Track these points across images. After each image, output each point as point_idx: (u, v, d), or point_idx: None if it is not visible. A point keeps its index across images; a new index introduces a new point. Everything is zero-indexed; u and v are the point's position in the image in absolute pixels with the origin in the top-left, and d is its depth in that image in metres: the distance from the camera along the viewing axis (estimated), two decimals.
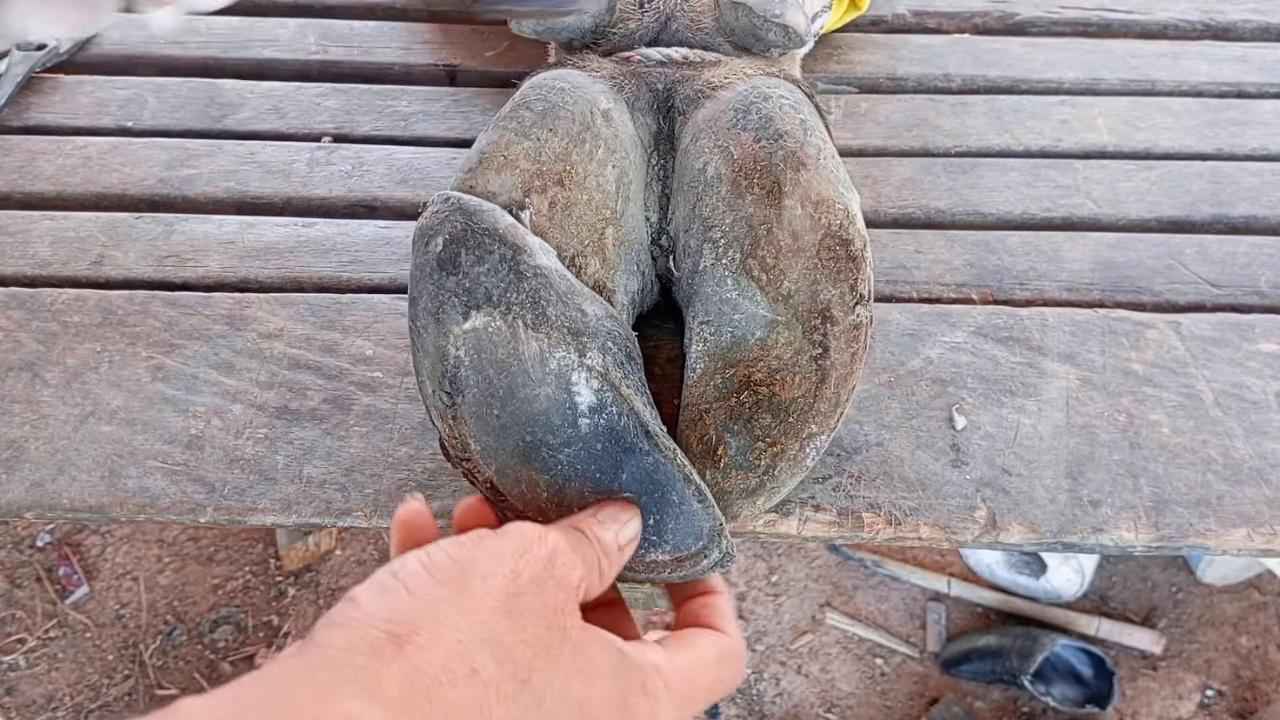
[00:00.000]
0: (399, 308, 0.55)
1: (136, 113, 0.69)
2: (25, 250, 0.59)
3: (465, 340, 0.41)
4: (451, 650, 0.29)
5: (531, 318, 0.40)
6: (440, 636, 0.29)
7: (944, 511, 0.47)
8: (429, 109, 0.70)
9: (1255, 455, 0.49)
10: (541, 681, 0.30)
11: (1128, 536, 0.46)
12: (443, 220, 0.42)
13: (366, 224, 0.61)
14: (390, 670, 0.28)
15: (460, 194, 0.44)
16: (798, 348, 0.44)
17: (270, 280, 0.57)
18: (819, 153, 0.48)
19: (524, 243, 0.42)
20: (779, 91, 0.50)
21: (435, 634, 0.29)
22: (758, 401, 0.44)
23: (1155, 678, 1.29)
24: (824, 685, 1.29)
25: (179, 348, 0.53)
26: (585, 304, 0.42)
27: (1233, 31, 0.78)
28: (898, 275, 0.58)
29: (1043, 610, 1.33)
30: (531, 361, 0.40)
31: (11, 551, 1.46)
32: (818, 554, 1.39)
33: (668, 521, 0.40)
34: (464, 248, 0.41)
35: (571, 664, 0.31)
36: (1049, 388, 0.51)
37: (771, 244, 0.45)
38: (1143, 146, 0.67)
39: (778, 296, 0.45)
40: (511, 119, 0.49)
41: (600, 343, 0.41)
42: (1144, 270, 0.58)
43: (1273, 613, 1.33)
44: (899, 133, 0.68)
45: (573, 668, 0.31)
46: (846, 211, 0.46)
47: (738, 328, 0.45)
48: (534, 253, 0.42)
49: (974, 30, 0.78)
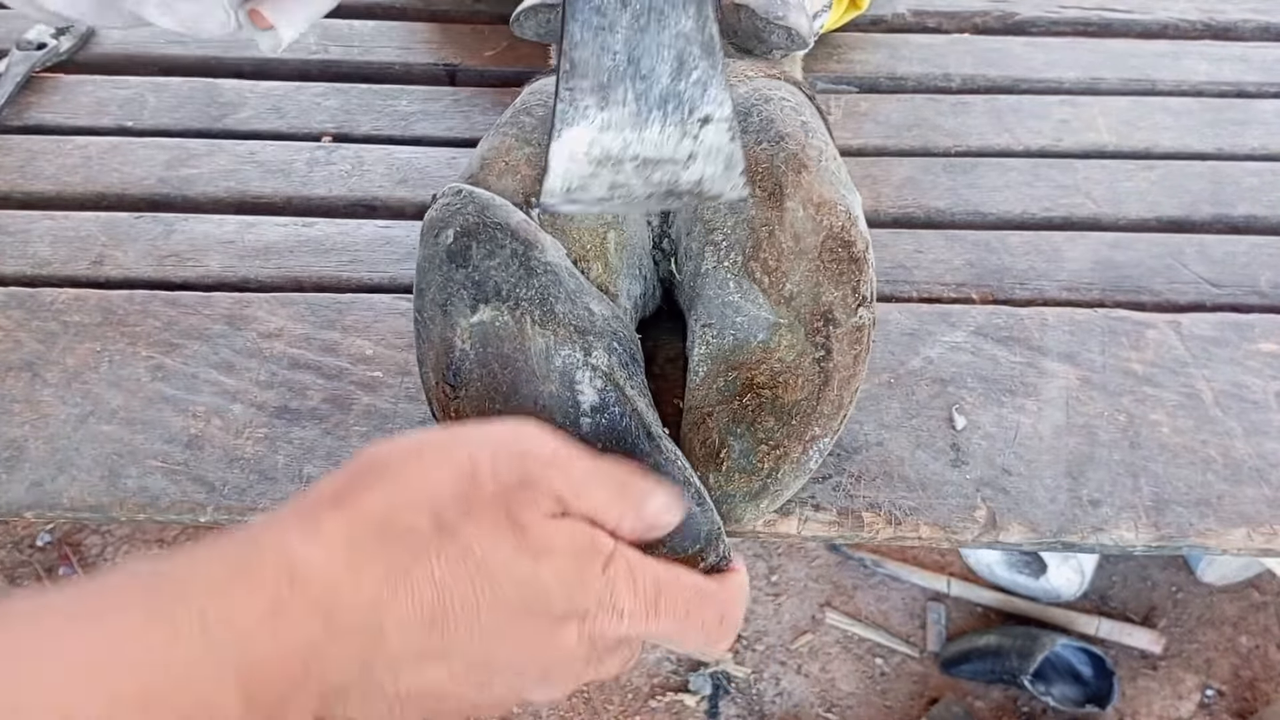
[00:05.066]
0: (399, 307, 0.55)
1: (136, 112, 0.69)
2: (25, 250, 0.59)
3: (472, 333, 0.41)
4: (388, 510, 0.32)
5: (540, 314, 0.40)
6: (378, 500, 0.32)
7: (944, 511, 0.47)
8: (429, 109, 0.70)
9: (1255, 455, 0.49)
10: (485, 555, 0.32)
11: (1128, 536, 0.46)
12: (455, 212, 0.42)
13: (366, 223, 0.61)
14: (329, 519, 0.32)
15: (473, 187, 0.44)
16: (800, 350, 0.44)
17: (270, 280, 0.57)
18: (820, 155, 0.47)
19: (536, 239, 0.42)
20: (780, 94, 0.50)
21: (375, 497, 0.32)
22: (760, 404, 0.43)
23: (1155, 677, 1.28)
24: (824, 685, 1.29)
25: (179, 347, 0.53)
26: (593, 303, 0.42)
27: (1233, 31, 0.78)
28: (898, 275, 0.58)
29: (1043, 610, 1.33)
30: (537, 358, 0.40)
31: (11, 551, 1.46)
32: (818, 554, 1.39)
33: None
34: (475, 240, 0.41)
35: (521, 542, 0.33)
36: (1049, 387, 0.51)
37: (773, 246, 0.45)
38: (1143, 146, 0.67)
39: (780, 299, 0.45)
40: (512, 125, 0.49)
41: (606, 343, 0.41)
42: (1144, 270, 0.58)
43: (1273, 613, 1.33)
44: (899, 132, 0.68)
45: (522, 545, 0.33)
46: (848, 213, 0.46)
47: (740, 330, 0.45)
48: (545, 249, 0.42)
49: (974, 30, 0.78)
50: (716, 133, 0.40)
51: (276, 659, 0.29)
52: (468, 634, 0.32)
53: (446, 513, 0.32)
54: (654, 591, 0.37)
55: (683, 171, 0.41)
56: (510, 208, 0.42)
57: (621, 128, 0.40)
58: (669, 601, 0.37)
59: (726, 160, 0.41)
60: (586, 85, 0.39)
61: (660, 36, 0.39)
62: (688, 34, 0.39)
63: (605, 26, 0.39)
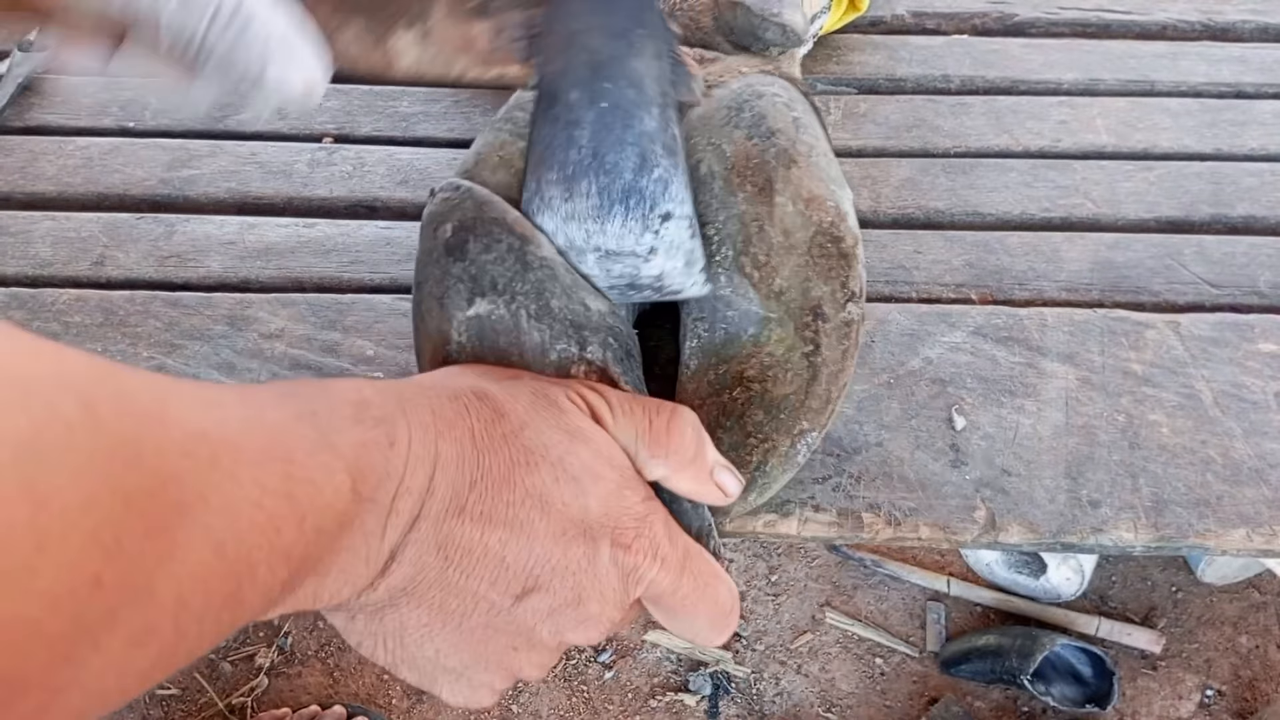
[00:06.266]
0: (400, 308, 0.55)
1: (138, 113, 0.69)
2: (26, 250, 0.59)
3: (468, 326, 0.41)
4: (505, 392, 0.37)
5: (535, 308, 0.41)
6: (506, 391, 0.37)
7: (944, 511, 0.47)
8: (429, 109, 0.70)
9: (1255, 455, 0.49)
10: (525, 420, 0.36)
11: (1127, 536, 0.46)
12: (453, 207, 0.43)
13: (367, 224, 0.61)
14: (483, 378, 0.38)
15: (471, 183, 0.44)
16: (789, 345, 0.44)
17: (271, 281, 0.57)
18: (811, 150, 0.48)
19: (531, 234, 0.42)
20: (772, 89, 0.50)
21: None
22: (750, 398, 0.44)
23: (1155, 678, 1.29)
24: (824, 685, 1.29)
25: (180, 348, 0.53)
26: (588, 298, 0.42)
27: (1232, 32, 0.78)
28: (897, 275, 0.58)
29: (1042, 610, 1.33)
30: (532, 352, 0.40)
31: None
32: (818, 554, 1.39)
33: None
34: (472, 235, 0.42)
35: (560, 420, 0.36)
36: (1048, 388, 0.52)
37: (763, 241, 0.45)
38: (1141, 147, 0.67)
39: (770, 293, 0.45)
40: (507, 120, 0.49)
41: (601, 338, 0.41)
42: (1143, 270, 0.58)
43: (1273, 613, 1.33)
44: (898, 133, 0.68)
45: (561, 423, 0.36)
46: (837, 209, 0.46)
47: (731, 324, 0.45)
48: (541, 244, 0.42)
49: (973, 31, 0.78)
50: (677, 229, 0.42)
51: (364, 455, 0.31)
52: (507, 496, 0.34)
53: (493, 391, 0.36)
54: (685, 549, 0.37)
55: (643, 265, 0.42)
56: (506, 204, 0.43)
57: (584, 219, 0.41)
58: (695, 565, 0.38)
59: (686, 256, 0.43)
60: (553, 177, 0.41)
61: (625, 134, 0.41)
62: (651, 133, 0.41)
63: (573, 121, 0.41)
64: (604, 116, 0.41)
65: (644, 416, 0.38)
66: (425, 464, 0.32)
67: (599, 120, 0.41)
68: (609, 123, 0.41)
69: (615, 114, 0.41)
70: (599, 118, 0.40)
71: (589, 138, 0.41)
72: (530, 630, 0.35)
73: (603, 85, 0.40)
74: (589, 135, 0.41)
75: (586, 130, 0.41)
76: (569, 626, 0.36)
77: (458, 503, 0.33)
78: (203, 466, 0.25)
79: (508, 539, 0.34)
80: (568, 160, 0.41)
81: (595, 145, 0.41)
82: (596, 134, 0.41)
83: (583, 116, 0.41)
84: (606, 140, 0.41)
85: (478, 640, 0.35)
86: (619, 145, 0.41)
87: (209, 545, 0.25)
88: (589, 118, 0.41)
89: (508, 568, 0.34)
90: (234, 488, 0.26)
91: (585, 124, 0.41)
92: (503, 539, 0.34)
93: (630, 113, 0.41)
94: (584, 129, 0.41)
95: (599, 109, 0.40)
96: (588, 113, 0.40)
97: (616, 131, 0.41)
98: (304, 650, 1.32)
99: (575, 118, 0.41)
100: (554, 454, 0.35)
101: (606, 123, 0.41)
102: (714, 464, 0.39)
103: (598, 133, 0.41)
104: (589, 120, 0.41)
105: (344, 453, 0.30)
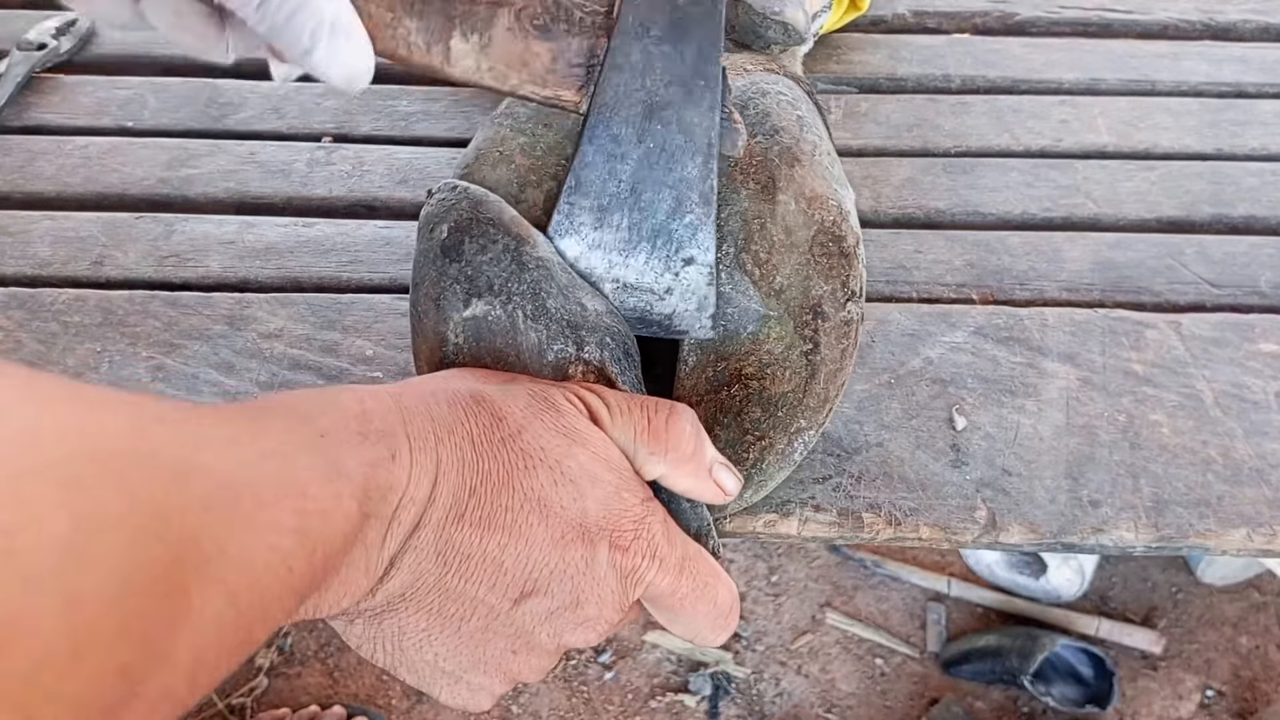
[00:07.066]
0: (399, 308, 0.55)
1: (137, 112, 0.69)
2: (25, 250, 0.59)
3: (465, 327, 0.41)
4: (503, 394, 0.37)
5: (531, 308, 0.40)
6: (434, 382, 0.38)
7: (944, 512, 0.47)
8: (429, 109, 0.70)
9: (1255, 455, 0.49)
10: (522, 425, 0.36)
11: (1128, 537, 0.46)
12: (449, 208, 0.43)
13: (366, 224, 0.61)
14: (480, 382, 0.38)
15: (467, 183, 0.44)
16: (789, 343, 0.44)
17: (270, 280, 0.57)
18: (814, 149, 0.48)
19: (528, 234, 0.42)
20: (776, 88, 0.50)
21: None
22: (748, 395, 0.44)
23: (1155, 678, 1.28)
24: (824, 685, 1.29)
25: (179, 348, 0.53)
26: (585, 298, 0.42)
27: (1233, 32, 0.78)
28: (898, 275, 0.58)
29: (1043, 610, 1.33)
30: (529, 352, 0.40)
31: None
32: (818, 554, 1.39)
33: None
34: (468, 236, 0.41)
35: (559, 423, 0.37)
36: (1049, 388, 0.51)
37: (765, 239, 0.45)
38: (1143, 146, 0.67)
39: (770, 291, 0.45)
40: (507, 115, 0.49)
41: (599, 338, 0.41)
42: (1144, 270, 0.58)
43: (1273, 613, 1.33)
44: (899, 133, 0.68)
45: (559, 426, 0.37)
46: (839, 208, 0.46)
47: (730, 321, 0.45)
48: (537, 244, 0.42)
49: (974, 30, 0.78)
50: (697, 274, 0.43)
51: (371, 474, 0.31)
52: (505, 500, 0.34)
53: (491, 395, 0.36)
54: (684, 550, 0.37)
55: (657, 302, 0.43)
56: (504, 204, 0.43)
57: (609, 250, 0.43)
58: (693, 565, 0.37)
59: (700, 302, 0.44)
60: (587, 204, 0.42)
61: (665, 177, 0.42)
62: (690, 180, 0.42)
63: (618, 155, 0.42)
64: (649, 156, 0.42)
65: (642, 415, 0.38)
66: (428, 473, 0.32)
67: (644, 159, 0.42)
68: (653, 163, 0.42)
69: (660, 156, 0.42)
70: (644, 156, 0.42)
71: (630, 173, 0.42)
72: (529, 633, 0.35)
73: (654, 127, 0.42)
74: (631, 171, 0.42)
75: (630, 166, 0.42)
76: (567, 629, 0.36)
77: (457, 509, 0.33)
78: (223, 519, 0.25)
79: (506, 543, 0.34)
80: (605, 190, 0.42)
81: (635, 182, 0.42)
82: (638, 171, 0.42)
83: (628, 152, 0.42)
84: (647, 179, 0.42)
85: (476, 644, 0.35)
86: (658, 186, 0.42)
87: (223, 597, 0.25)
88: (634, 154, 0.42)
89: (506, 571, 0.34)
90: (250, 535, 0.26)
91: (629, 160, 0.42)
92: (501, 543, 0.34)
93: (675, 157, 0.42)
94: (627, 164, 0.42)
95: (646, 148, 0.42)
96: (634, 149, 0.42)
97: (658, 173, 0.42)
98: (304, 650, 1.32)
99: (621, 152, 0.42)
100: (552, 457, 0.35)
101: (650, 162, 0.42)
102: (712, 461, 0.39)
103: (639, 170, 0.42)
104: (634, 157, 0.42)
105: (353, 477, 0.30)
